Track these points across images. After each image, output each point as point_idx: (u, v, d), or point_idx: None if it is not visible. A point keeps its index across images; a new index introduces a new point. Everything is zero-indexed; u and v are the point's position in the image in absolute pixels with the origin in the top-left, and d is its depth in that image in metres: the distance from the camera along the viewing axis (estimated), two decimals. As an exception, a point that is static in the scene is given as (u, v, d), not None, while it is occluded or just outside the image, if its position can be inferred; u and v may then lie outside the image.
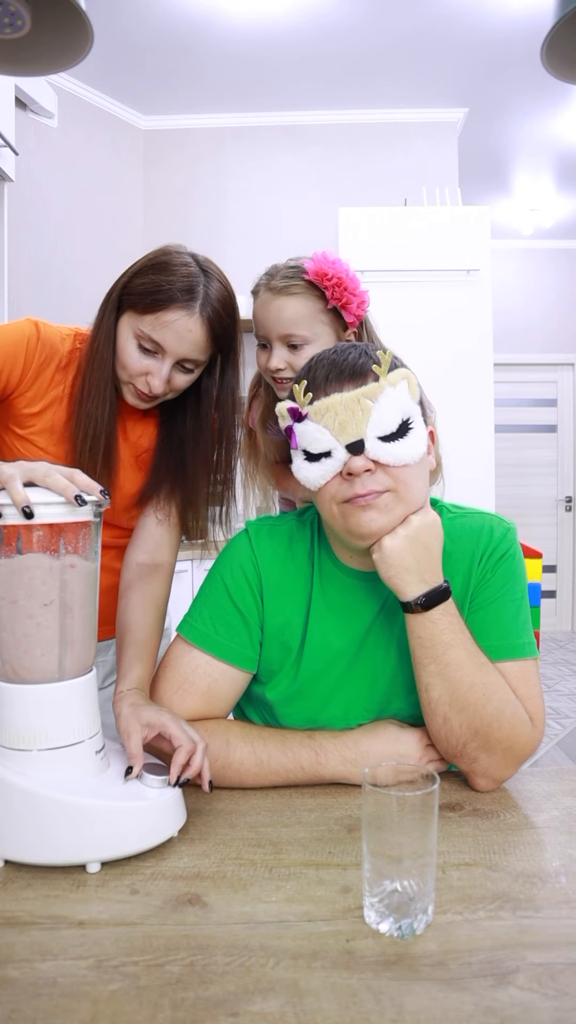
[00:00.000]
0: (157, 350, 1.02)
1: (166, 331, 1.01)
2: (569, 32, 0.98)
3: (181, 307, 1.00)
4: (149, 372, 1.04)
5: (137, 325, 1.02)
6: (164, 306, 1.00)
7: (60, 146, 3.38)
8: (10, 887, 0.68)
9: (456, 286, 3.19)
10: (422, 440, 0.87)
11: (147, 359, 1.03)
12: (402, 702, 0.95)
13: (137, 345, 1.03)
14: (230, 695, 0.95)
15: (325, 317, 1.16)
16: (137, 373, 1.04)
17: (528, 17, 2.93)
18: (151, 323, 1.01)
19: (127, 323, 1.04)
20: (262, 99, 3.68)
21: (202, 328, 1.02)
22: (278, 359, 1.15)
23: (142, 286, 1.02)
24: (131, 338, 1.03)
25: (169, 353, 1.03)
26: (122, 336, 1.04)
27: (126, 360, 1.04)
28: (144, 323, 1.01)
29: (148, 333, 1.01)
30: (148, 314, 1.01)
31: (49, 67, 1.09)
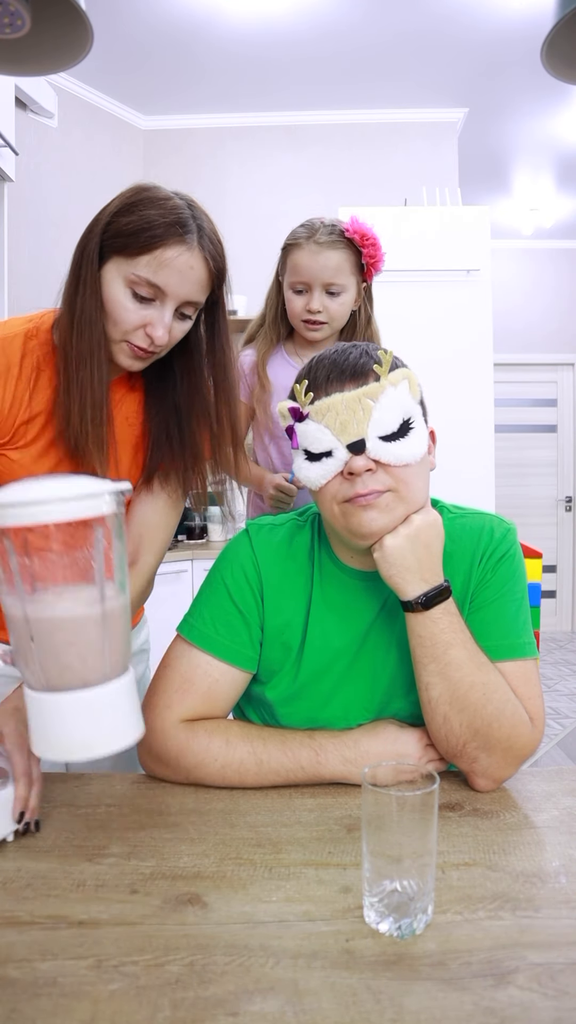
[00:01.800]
0: (156, 295, 0.91)
1: (168, 270, 0.90)
2: (569, 32, 0.98)
3: (180, 241, 0.90)
4: (148, 323, 0.92)
5: (130, 270, 0.90)
6: (161, 242, 0.89)
7: (60, 146, 3.38)
8: (10, 887, 0.68)
9: (456, 286, 3.19)
10: (423, 440, 0.87)
11: (145, 308, 0.92)
12: (402, 702, 0.95)
13: (132, 294, 0.91)
14: (230, 695, 0.95)
15: (355, 270, 1.39)
16: (134, 326, 0.93)
17: (528, 17, 2.93)
18: (148, 264, 0.90)
19: (115, 271, 0.91)
20: (262, 99, 3.68)
21: (203, 264, 0.93)
22: (318, 302, 1.37)
23: (129, 225, 0.90)
24: (122, 287, 0.91)
25: (171, 296, 0.92)
26: (111, 287, 0.92)
27: (119, 314, 0.92)
28: (139, 266, 0.90)
29: (146, 277, 0.90)
30: (143, 255, 0.89)
31: (49, 67, 1.08)
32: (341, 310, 1.41)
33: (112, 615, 0.71)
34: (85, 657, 0.69)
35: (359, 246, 1.38)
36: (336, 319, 1.42)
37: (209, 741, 0.88)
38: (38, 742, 0.70)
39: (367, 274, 1.43)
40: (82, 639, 0.69)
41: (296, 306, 1.41)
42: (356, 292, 1.43)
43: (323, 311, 1.38)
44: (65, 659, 0.69)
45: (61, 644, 0.68)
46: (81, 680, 0.69)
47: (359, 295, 1.45)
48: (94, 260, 0.92)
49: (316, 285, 1.37)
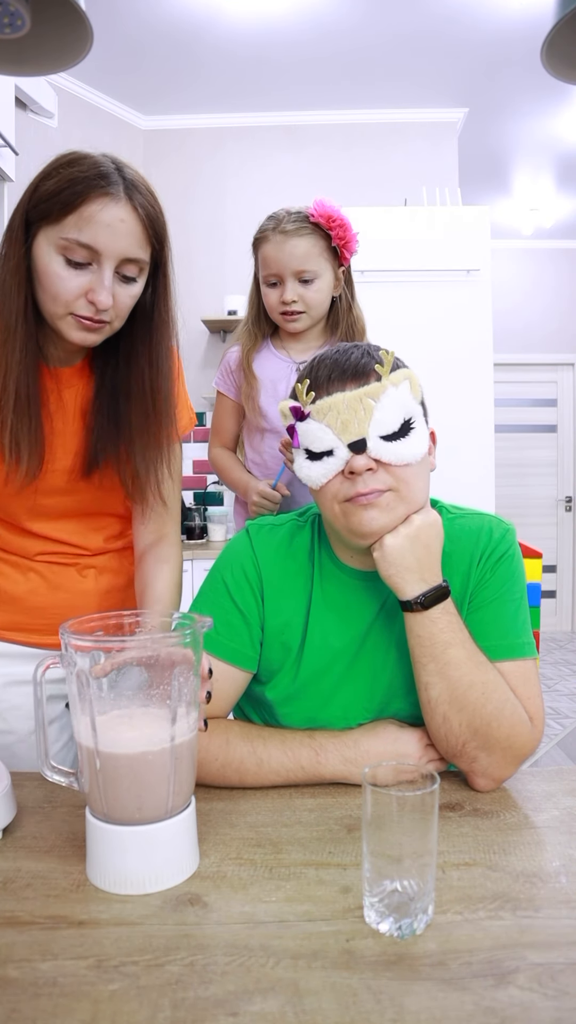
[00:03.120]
0: (91, 257, 0.86)
1: (96, 227, 0.85)
2: (569, 32, 0.98)
3: (103, 194, 0.85)
4: (88, 288, 0.87)
5: (58, 235, 0.85)
6: (83, 197, 0.84)
7: (60, 146, 3.36)
8: (10, 887, 0.68)
9: (456, 286, 3.19)
10: (424, 440, 0.87)
11: (81, 274, 0.87)
12: (402, 702, 0.95)
13: (65, 261, 0.86)
14: (230, 695, 0.95)
15: (328, 255, 1.37)
16: (74, 295, 0.87)
17: (528, 17, 2.93)
18: (75, 224, 0.84)
19: (44, 242, 0.86)
20: (262, 99, 3.68)
21: (134, 216, 0.87)
22: (291, 292, 1.35)
23: (50, 188, 0.85)
24: (55, 255, 0.86)
25: (106, 254, 0.86)
26: (43, 258, 0.87)
27: (57, 285, 0.86)
28: (66, 228, 0.85)
29: (75, 237, 0.85)
30: (68, 215, 0.84)
31: (49, 67, 1.09)
32: (318, 297, 1.39)
33: (181, 753, 0.70)
34: (150, 795, 0.68)
35: (327, 229, 1.35)
36: (314, 307, 1.40)
37: (209, 741, 0.88)
38: (93, 870, 0.70)
39: (342, 257, 1.40)
40: (152, 775, 0.68)
41: (271, 299, 1.39)
42: (332, 277, 1.40)
43: (298, 300, 1.37)
44: (129, 794, 0.68)
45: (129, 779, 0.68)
46: (142, 817, 0.68)
47: (337, 280, 1.43)
48: (19, 235, 0.88)
49: (287, 275, 1.35)
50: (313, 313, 1.41)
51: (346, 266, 1.43)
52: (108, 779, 0.68)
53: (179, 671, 0.69)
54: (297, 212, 1.37)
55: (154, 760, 0.68)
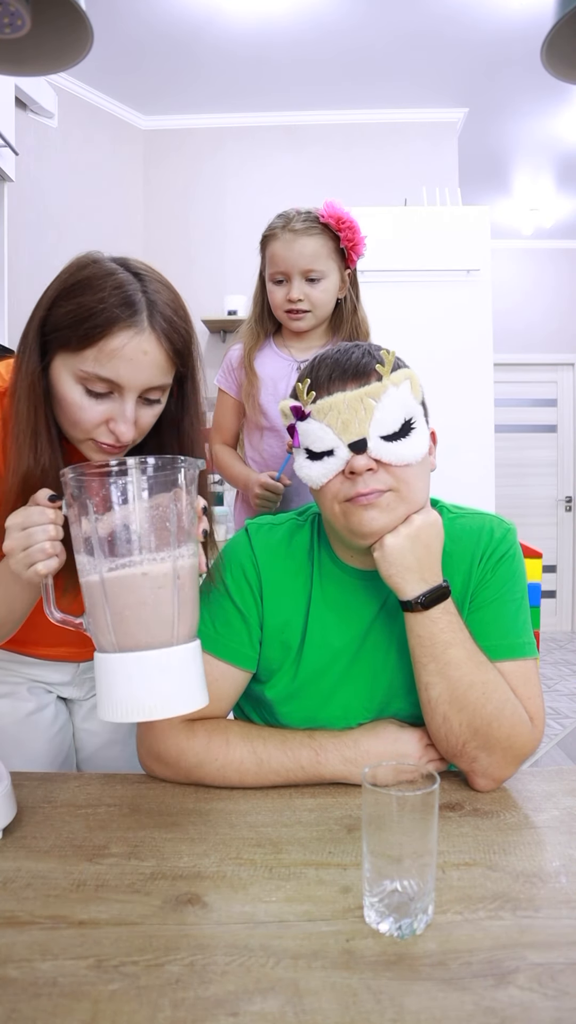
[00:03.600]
0: (112, 389, 0.82)
1: (117, 362, 0.80)
2: (569, 32, 0.98)
3: (126, 327, 0.79)
4: (110, 418, 0.83)
5: (77, 367, 0.80)
6: (104, 332, 0.79)
7: (60, 146, 3.38)
8: (10, 887, 0.68)
9: (456, 286, 3.19)
10: (424, 440, 0.87)
11: (102, 404, 0.82)
12: (402, 702, 0.95)
13: (84, 391, 0.82)
14: (230, 694, 0.95)
15: (335, 256, 1.38)
16: (95, 424, 0.83)
17: (528, 17, 2.93)
18: (95, 359, 0.80)
19: (63, 368, 0.82)
20: (262, 99, 3.68)
21: (158, 346, 0.82)
22: (298, 290, 1.36)
23: (68, 316, 0.80)
24: (74, 385, 0.82)
25: (128, 388, 0.82)
26: (61, 386, 0.82)
27: (77, 415, 0.83)
28: (85, 361, 0.80)
29: (95, 372, 0.80)
30: (87, 349, 0.79)
31: (49, 67, 1.09)
32: (323, 297, 1.40)
33: (183, 578, 0.73)
34: (155, 618, 0.72)
35: (335, 230, 1.36)
36: (319, 306, 1.40)
37: (209, 741, 0.88)
38: (104, 705, 0.72)
39: (349, 259, 1.41)
40: (153, 599, 0.72)
41: (277, 297, 1.40)
42: (339, 279, 1.41)
43: (304, 299, 1.37)
44: (136, 619, 0.71)
45: (133, 604, 0.71)
46: (149, 641, 0.71)
47: (343, 282, 1.43)
48: (34, 352, 0.83)
49: (294, 273, 1.36)
50: (318, 313, 1.41)
51: (352, 268, 1.44)
52: (115, 609, 0.71)
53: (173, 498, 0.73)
54: (307, 212, 1.38)
55: (158, 583, 0.72)
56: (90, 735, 1.19)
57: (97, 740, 1.19)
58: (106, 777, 0.94)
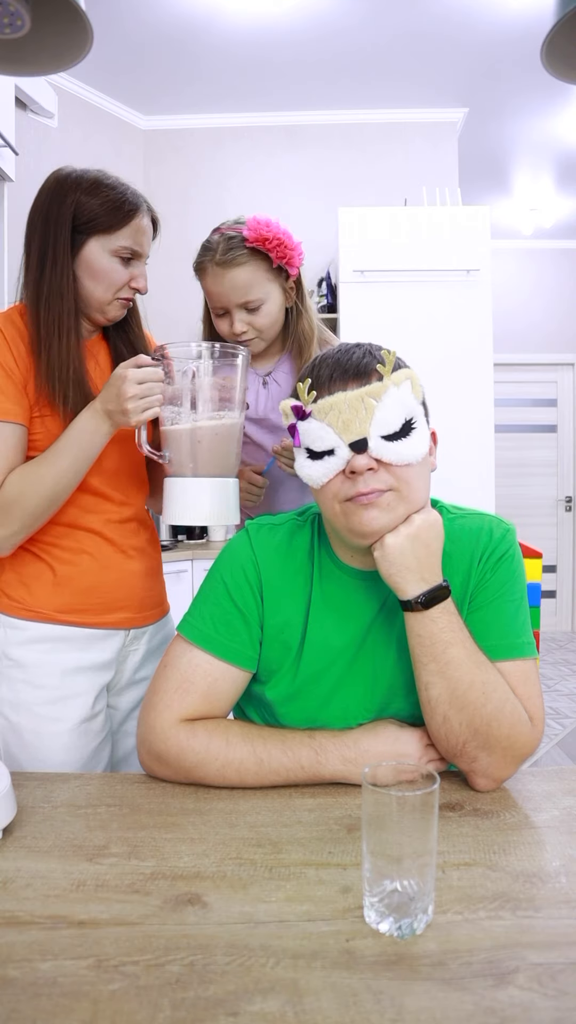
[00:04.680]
0: (134, 256, 1.15)
1: (141, 235, 1.15)
2: (569, 32, 0.98)
3: (140, 211, 1.15)
4: (133, 277, 1.16)
5: (114, 242, 1.12)
6: (133, 215, 1.13)
7: (60, 146, 3.38)
8: (10, 887, 0.68)
9: (456, 286, 3.19)
10: (425, 440, 0.87)
11: (128, 268, 1.15)
12: (402, 702, 0.95)
13: (119, 261, 1.14)
14: (230, 694, 0.95)
15: (271, 275, 1.28)
16: (124, 283, 1.15)
17: (528, 17, 2.93)
18: (129, 235, 1.13)
19: (99, 247, 1.12)
20: (262, 99, 3.68)
21: (150, 220, 1.19)
22: (240, 324, 1.28)
23: (100, 209, 1.11)
24: (110, 257, 1.13)
25: (144, 254, 1.17)
26: (100, 261, 1.13)
27: (112, 277, 1.14)
28: (121, 237, 1.13)
29: (129, 245, 1.13)
30: (122, 228, 1.12)
31: (49, 67, 1.08)
32: (267, 321, 1.30)
33: (238, 430, 1.12)
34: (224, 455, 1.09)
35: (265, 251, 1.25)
36: (266, 330, 1.31)
37: (209, 741, 0.88)
38: (177, 512, 1.08)
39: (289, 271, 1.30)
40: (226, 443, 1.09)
41: (222, 328, 1.32)
42: (281, 295, 1.31)
43: (247, 329, 1.29)
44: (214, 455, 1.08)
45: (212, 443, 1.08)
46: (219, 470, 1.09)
47: (287, 293, 1.33)
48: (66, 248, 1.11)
49: (232, 306, 1.27)
50: (266, 335, 1.33)
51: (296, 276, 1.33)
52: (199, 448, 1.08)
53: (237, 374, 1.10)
54: (230, 237, 1.26)
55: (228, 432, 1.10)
56: (125, 736, 1.27)
57: (131, 741, 1.25)
58: (106, 777, 0.94)
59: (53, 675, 1.14)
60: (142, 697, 1.19)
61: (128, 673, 1.25)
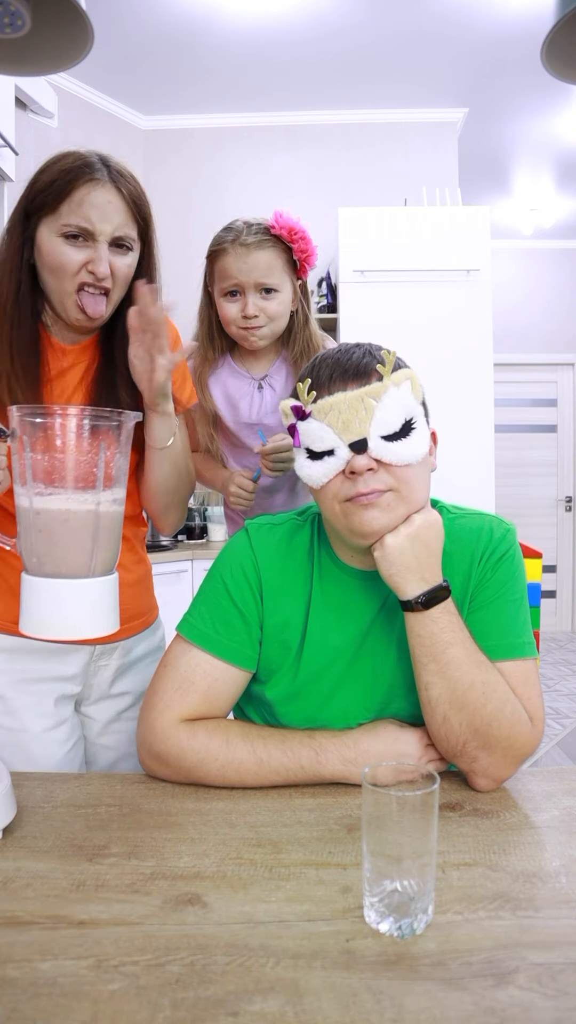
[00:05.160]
0: (85, 235, 0.99)
1: (86, 207, 0.98)
2: (569, 32, 0.98)
3: (90, 180, 0.98)
4: (88, 260, 0.99)
5: (57, 222, 0.99)
6: (73, 185, 0.98)
7: (60, 146, 3.37)
8: (10, 887, 0.68)
9: (456, 286, 3.19)
10: (425, 440, 0.87)
11: (81, 251, 0.99)
12: (402, 702, 0.95)
13: (64, 240, 0.99)
14: (230, 694, 0.95)
15: (288, 268, 1.33)
16: (77, 267, 0.99)
17: (528, 17, 2.93)
18: (69, 209, 0.98)
19: (47, 230, 1.00)
20: (262, 99, 3.68)
21: (119, 197, 1.00)
22: (253, 306, 1.30)
23: (44, 183, 0.99)
24: (57, 239, 0.99)
25: (99, 232, 0.99)
26: (48, 245, 1.00)
27: (61, 259, 0.99)
28: (62, 215, 0.98)
29: (72, 221, 0.98)
30: (63, 203, 0.98)
31: (49, 67, 1.08)
32: (279, 309, 1.33)
33: (103, 520, 0.83)
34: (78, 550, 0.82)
35: (288, 242, 1.31)
36: (275, 319, 1.33)
37: (209, 741, 0.88)
38: (27, 621, 0.81)
39: (301, 271, 1.35)
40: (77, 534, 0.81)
41: (231, 312, 1.32)
42: (292, 292, 1.35)
43: (260, 313, 1.30)
44: (61, 549, 0.81)
45: (58, 535, 0.81)
46: (68, 570, 0.81)
47: (295, 294, 1.36)
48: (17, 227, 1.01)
49: (249, 287, 1.29)
50: (274, 326, 1.35)
51: (303, 280, 1.37)
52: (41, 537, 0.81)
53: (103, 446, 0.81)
54: (257, 224, 1.31)
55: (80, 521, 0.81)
56: (104, 750, 1.19)
57: (111, 755, 1.19)
58: (106, 777, 0.94)
59: (10, 685, 1.09)
60: (121, 710, 1.19)
61: (101, 687, 1.17)
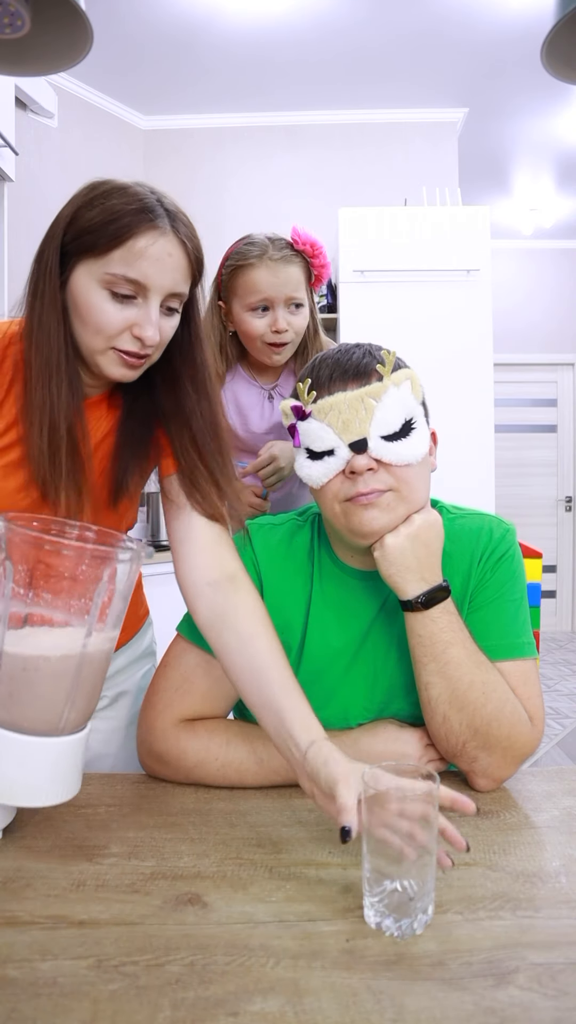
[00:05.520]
0: (137, 291, 0.83)
1: (145, 261, 0.81)
2: (569, 32, 0.98)
3: (151, 227, 0.81)
4: (134, 323, 0.83)
5: (103, 269, 0.82)
6: (131, 231, 0.81)
7: (60, 146, 3.38)
8: (10, 887, 0.68)
9: (456, 286, 3.19)
10: (424, 440, 0.87)
11: (127, 309, 0.83)
12: (402, 702, 0.95)
13: (110, 295, 0.82)
14: (230, 694, 0.95)
15: (307, 283, 1.36)
16: (119, 329, 0.84)
17: (528, 17, 2.93)
18: (122, 259, 0.81)
19: (86, 275, 0.83)
20: (262, 99, 3.68)
21: (180, 248, 0.84)
22: (284, 320, 1.31)
23: (93, 220, 0.82)
24: (99, 289, 0.82)
25: (153, 289, 0.83)
26: (85, 293, 0.83)
27: (100, 319, 0.83)
28: (112, 263, 0.81)
29: (122, 273, 0.81)
30: (114, 249, 0.81)
31: (49, 67, 1.09)
32: (303, 323, 1.35)
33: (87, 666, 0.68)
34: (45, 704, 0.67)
35: (308, 257, 1.34)
36: (299, 334, 1.36)
37: (209, 741, 0.88)
38: None
39: (314, 284, 1.38)
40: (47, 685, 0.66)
41: (258, 327, 1.32)
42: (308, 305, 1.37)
43: (288, 328, 1.32)
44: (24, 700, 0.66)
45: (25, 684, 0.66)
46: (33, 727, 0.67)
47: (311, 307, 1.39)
48: (54, 268, 0.84)
49: (279, 302, 1.31)
50: (297, 341, 1.37)
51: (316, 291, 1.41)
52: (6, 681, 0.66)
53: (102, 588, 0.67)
54: (280, 239, 1.33)
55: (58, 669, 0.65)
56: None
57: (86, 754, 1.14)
58: (106, 777, 0.94)
59: None
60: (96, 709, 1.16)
61: None
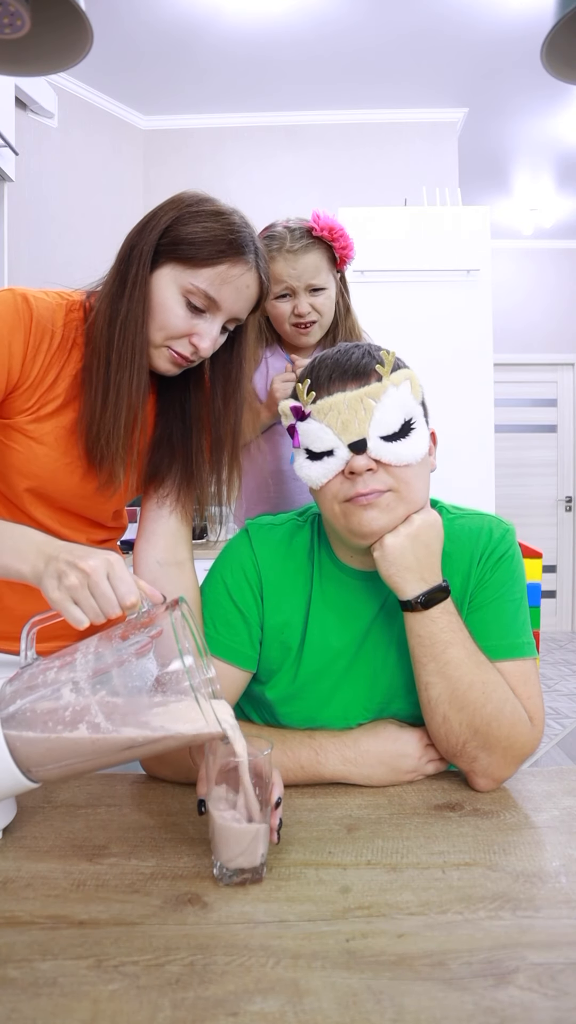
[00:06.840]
0: (209, 307, 0.91)
1: (228, 287, 0.90)
2: (569, 32, 0.98)
3: (244, 261, 0.90)
4: (195, 332, 0.92)
5: (189, 280, 0.89)
6: (229, 259, 0.89)
7: (60, 146, 3.38)
8: (10, 887, 0.68)
9: (456, 286, 3.19)
10: (424, 440, 0.87)
11: (195, 318, 0.91)
12: (402, 702, 0.95)
13: (185, 303, 0.91)
14: (230, 694, 0.95)
15: (331, 266, 1.41)
16: (181, 333, 0.92)
17: (528, 17, 2.93)
18: (210, 278, 0.89)
19: (171, 277, 0.90)
20: (262, 99, 3.68)
21: (258, 284, 0.94)
22: (305, 304, 1.38)
23: (195, 235, 0.89)
24: (177, 294, 0.90)
25: (224, 311, 0.92)
26: (163, 292, 0.91)
27: (169, 319, 0.91)
28: (199, 278, 0.89)
29: (205, 289, 0.89)
30: (206, 267, 0.89)
31: (49, 67, 1.09)
32: (328, 304, 1.42)
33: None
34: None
35: (329, 241, 1.39)
36: (325, 314, 1.42)
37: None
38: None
39: (340, 264, 1.44)
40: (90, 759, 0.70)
41: (283, 310, 1.40)
42: (335, 287, 1.43)
43: (311, 310, 1.39)
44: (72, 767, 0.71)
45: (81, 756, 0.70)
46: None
47: (338, 287, 1.45)
48: (147, 263, 0.90)
49: (300, 290, 1.37)
50: (324, 321, 1.43)
51: (342, 272, 1.46)
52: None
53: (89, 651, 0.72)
54: (298, 227, 1.38)
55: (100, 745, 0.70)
56: None
57: None
58: (106, 777, 0.94)
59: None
60: None
61: None
